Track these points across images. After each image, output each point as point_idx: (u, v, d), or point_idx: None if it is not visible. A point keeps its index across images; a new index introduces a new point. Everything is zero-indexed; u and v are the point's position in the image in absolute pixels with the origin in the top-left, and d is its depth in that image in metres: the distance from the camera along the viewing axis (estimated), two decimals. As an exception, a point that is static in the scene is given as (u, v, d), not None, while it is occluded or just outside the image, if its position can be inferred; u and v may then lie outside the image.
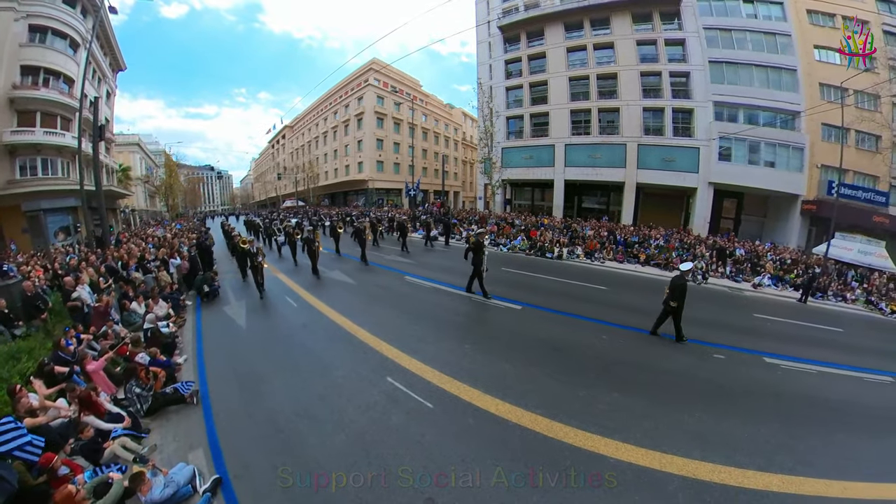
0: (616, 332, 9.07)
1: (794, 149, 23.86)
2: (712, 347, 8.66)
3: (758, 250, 20.32)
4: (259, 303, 10.69)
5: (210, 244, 15.57)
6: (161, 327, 7.95)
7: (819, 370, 8.30)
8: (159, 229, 27.39)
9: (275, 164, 70.83)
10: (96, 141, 14.74)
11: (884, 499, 4.61)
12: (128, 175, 39.93)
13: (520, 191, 33.66)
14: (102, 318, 7.87)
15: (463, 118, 58.74)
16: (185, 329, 8.91)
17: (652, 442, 5.04)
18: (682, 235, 22.01)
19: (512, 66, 31.60)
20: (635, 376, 6.92)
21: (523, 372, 6.70)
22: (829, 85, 23.05)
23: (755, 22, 24.55)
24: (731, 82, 24.62)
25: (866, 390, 7.79)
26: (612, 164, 26.99)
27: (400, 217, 24.55)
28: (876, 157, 23.62)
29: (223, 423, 5.19)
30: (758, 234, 25.88)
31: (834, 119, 21.47)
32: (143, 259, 12.02)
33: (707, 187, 24.94)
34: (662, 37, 25.91)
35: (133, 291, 9.33)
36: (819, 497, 4.49)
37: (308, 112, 59.20)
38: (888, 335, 12.60)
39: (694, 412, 5.89)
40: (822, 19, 24.16)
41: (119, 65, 32.80)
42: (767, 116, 24.25)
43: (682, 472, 4.59)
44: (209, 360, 7.18)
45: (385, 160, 46.34)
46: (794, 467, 4.89)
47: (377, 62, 45.65)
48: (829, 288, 16.56)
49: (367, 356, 7.10)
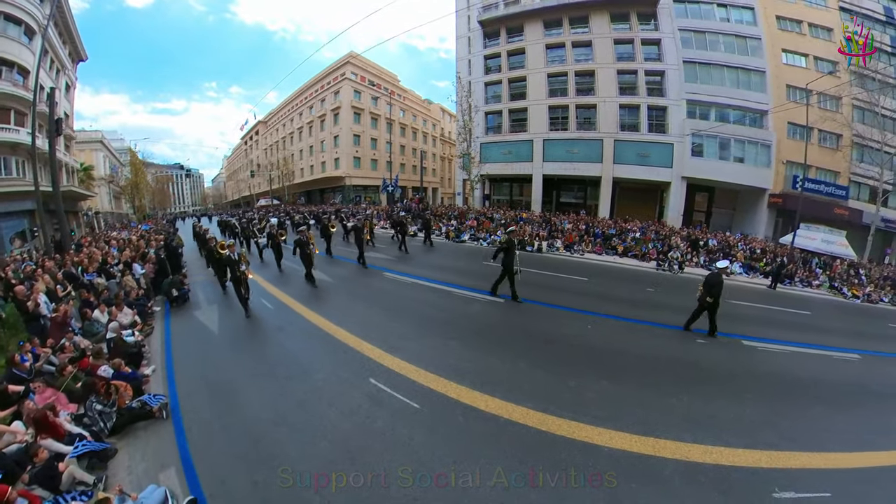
0: (600, 321, 9.14)
1: (761, 146, 25.08)
2: (693, 333, 8.83)
3: (729, 241, 21.08)
4: (232, 306, 10.02)
5: (178, 246, 14.73)
6: (125, 336, 7.34)
7: (791, 350, 8.67)
8: (124, 232, 25.28)
9: (248, 162, 68.42)
10: (52, 136, 13.41)
11: (863, 466, 4.84)
12: (90, 175, 37.37)
13: (498, 186, 33.80)
14: (61, 329, 7.21)
15: (441, 114, 58.38)
16: (152, 337, 8.29)
17: (643, 428, 5.06)
18: (657, 228, 22.51)
19: (491, 62, 31.62)
20: (622, 364, 6.95)
21: (510, 366, 6.59)
22: (794, 86, 24.36)
23: (728, 25, 25.61)
24: (703, 82, 25.54)
25: (835, 367, 8.19)
26: (590, 160, 27.44)
27: (397, 214, 23.03)
28: (837, 154, 25.20)
29: (196, 438, 4.81)
30: (728, 225, 26.99)
31: (799, 118, 22.86)
32: (104, 263, 11.15)
33: (680, 181, 25.78)
34: (639, 36, 26.55)
35: (95, 298, 8.64)
36: (805, 469, 4.65)
37: (282, 107, 57.53)
38: (851, 316, 13.29)
39: (682, 396, 5.99)
40: (790, 25, 25.50)
41: (80, 55, 30.75)
42: (737, 115, 25.32)
43: (676, 455, 4.64)
44: (179, 369, 6.69)
45: (362, 156, 45.57)
46: (779, 443, 5.06)
47: (354, 56, 44.77)
48: (796, 275, 17.30)
49: (348, 357, 6.80)
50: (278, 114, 58.79)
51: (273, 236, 14.06)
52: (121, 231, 27.16)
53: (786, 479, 4.44)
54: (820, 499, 4.20)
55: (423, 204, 32.91)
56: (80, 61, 31.33)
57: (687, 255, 18.37)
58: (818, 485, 4.40)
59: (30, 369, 5.85)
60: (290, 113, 54.72)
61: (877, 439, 5.47)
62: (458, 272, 13.35)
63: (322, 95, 46.82)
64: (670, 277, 15.87)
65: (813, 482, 4.44)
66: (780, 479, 4.44)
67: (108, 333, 7.34)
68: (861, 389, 7.18)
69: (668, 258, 17.28)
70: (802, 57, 25.31)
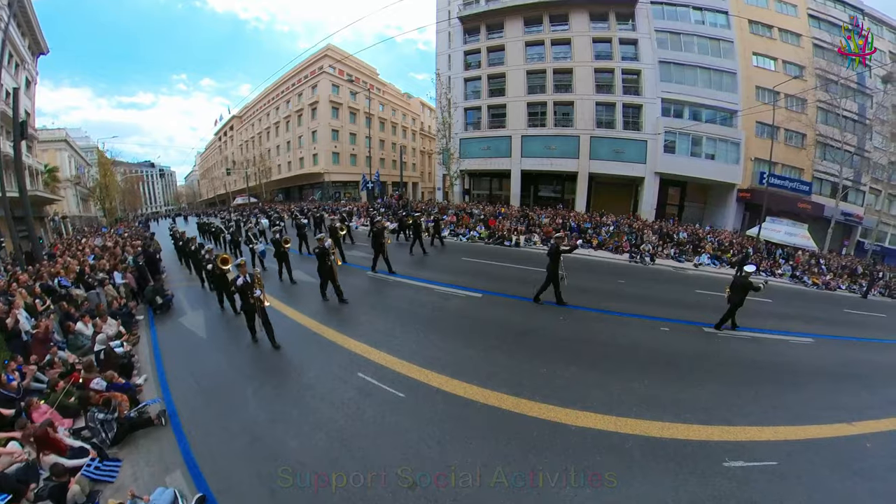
0: (572, 312, 9.42)
1: (731, 143, 26.15)
2: (659, 321, 9.24)
3: (698, 233, 21.89)
4: (218, 311, 9.90)
5: (156, 251, 14.23)
6: (114, 347, 7.22)
7: (752, 336, 9.17)
8: (97, 237, 23.10)
9: (223, 158, 66.19)
10: (18, 139, 12.54)
11: (808, 438, 5.24)
12: (55, 177, 34.62)
13: (478, 181, 33.99)
14: (44, 344, 6.95)
15: (421, 108, 57.94)
16: (140, 346, 8.17)
17: (608, 408, 5.43)
18: (630, 221, 23.09)
19: (471, 58, 31.67)
20: (591, 351, 7.31)
21: (487, 356, 6.92)
22: (763, 88, 25.65)
23: (702, 28, 26.49)
24: (677, 81, 26.34)
25: (791, 350, 8.72)
26: (567, 155, 27.91)
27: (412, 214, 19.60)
28: (801, 152, 26.69)
29: (197, 440, 4.92)
30: (699, 218, 28.00)
31: (767, 118, 24.02)
32: (82, 273, 10.64)
33: (654, 177, 26.56)
34: (617, 36, 27.12)
35: (76, 311, 8.33)
36: (754, 441, 5.04)
37: (258, 101, 55.91)
38: (810, 303, 14.01)
39: (644, 379, 6.36)
40: (761, 29, 26.62)
41: (40, 47, 29.02)
42: (709, 114, 26.22)
43: (636, 431, 5.00)
44: (172, 376, 6.71)
45: (341, 151, 45.01)
46: (732, 419, 5.45)
47: (332, 48, 44.04)
48: (761, 265, 18.04)
49: (336, 354, 6.98)
50: (254, 108, 57.14)
51: (279, 243, 11.96)
52: (94, 236, 24.81)
53: (736, 451, 4.79)
54: (767, 467, 4.53)
55: (403, 200, 32.82)
56: (41, 55, 29.63)
57: (658, 248, 18.92)
58: (766, 455, 4.76)
59: (18, 388, 5.64)
60: (266, 107, 53.37)
61: (822, 414, 5.88)
62: (436, 269, 13.45)
63: (299, 90, 45.95)
64: (642, 269, 16.35)
65: (761, 452, 4.79)
66: (731, 450, 4.79)
67: (96, 346, 7.19)
68: (812, 370, 7.68)
69: (640, 250, 17.77)
70: (772, 60, 26.53)
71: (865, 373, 8.08)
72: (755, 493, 4.06)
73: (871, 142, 26.67)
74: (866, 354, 9.50)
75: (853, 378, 7.63)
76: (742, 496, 4.00)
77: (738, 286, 8.92)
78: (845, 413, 6.02)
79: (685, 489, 4.06)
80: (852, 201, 27.31)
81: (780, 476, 4.38)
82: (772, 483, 4.26)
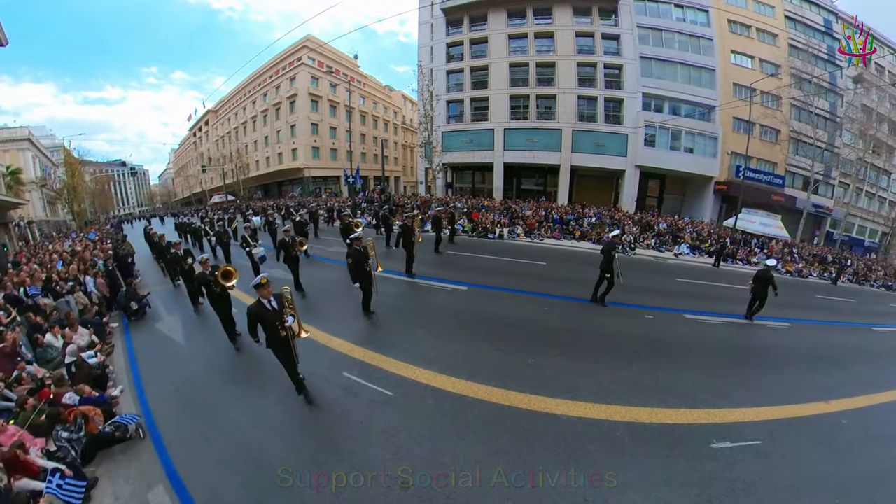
0: (557, 303, 9.48)
1: (709, 137, 26.74)
2: (642, 309, 9.36)
3: (678, 224, 22.37)
4: (196, 314, 9.30)
5: (128, 254, 13.42)
6: (86, 358, 6.72)
7: (730, 321, 9.36)
8: (67, 242, 21.19)
9: (198, 155, 63.66)
10: None
11: (789, 417, 5.40)
12: (18, 179, 32.16)
13: (461, 174, 33.84)
14: (11, 359, 6.41)
15: (403, 101, 57.03)
16: (114, 356, 7.67)
17: (596, 397, 5.43)
18: (612, 213, 23.42)
19: (454, 50, 31.35)
20: (577, 341, 7.32)
21: (474, 349, 6.80)
22: (740, 85, 26.18)
23: (683, 25, 26.92)
24: (658, 77, 26.73)
25: (767, 334, 8.98)
26: (549, 148, 28.05)
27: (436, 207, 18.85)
28: (775, 147, 27.67)
29: (179, 453, 4.64)
30: (678, 210, 28.59)
31: (743, 114, 24.70)
32: (49, 281, 9.88)
33: (634, 170, 26.95)
34: (600, 31, 27.28)
35: (44, 321, 7.74)
36: (738, 422, 5.13)
37: (234, 94, 54.09)
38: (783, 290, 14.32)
39: (630, 367, 6.43)
40: (740, 29, 27.28)
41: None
42: (688, 109, 26.77)
43: (626, 418, 5.03)
44: (150, 386, 6.33)
45: (321, 146, 44.03)
46: (716, 402, 5.53)
47: (311, 39, 42.86)
48: (737, 254, 18.57)
49: (320, 354, 6.70)
50: (229, 102, 55.21)
51: (289, 247, 9.73)
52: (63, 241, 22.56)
53: (722, 432, 4.85)
54: (752, 446, 4.61)
55: (386, 195, 32.43)
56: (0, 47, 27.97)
57: (639, 238, 19.22)
58: (750, 434, 4.85)
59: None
60: (242, 101, 51.65)
61: (800, 394, 6.05)
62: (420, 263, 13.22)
63: (277, 82, 44.69)
64: (624, 259, 16.53)
65: (746, 433, 4.88)
66: (718, 432, 4.85)
67: (66, 358, 6.69)
68: (789, 353, 7.93)
69: (622, 241, 17.99)
70: (749, 58, 27.27)
71: (837, 354, 8.42)
72: (742, 472, 4.13)
73: (840, 138, 28.06)
74: (838, 337, 9.90)
75: (827, 359, 7.92)
76: (730, 475, 4.05)
77: (763, 279, 9.22)
78: (821, 392, 6.23)
79: (676, 472, 4.09)
80: (823, 194, 28.57)
81: (765, 454, 4.47)
82: (757, 461, 4.34)
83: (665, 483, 3.92)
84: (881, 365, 8.24)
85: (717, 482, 3.93)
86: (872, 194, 30.56)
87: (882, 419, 5.88)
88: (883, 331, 11.51)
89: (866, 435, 5.30)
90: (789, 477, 4.20)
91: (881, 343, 10.33)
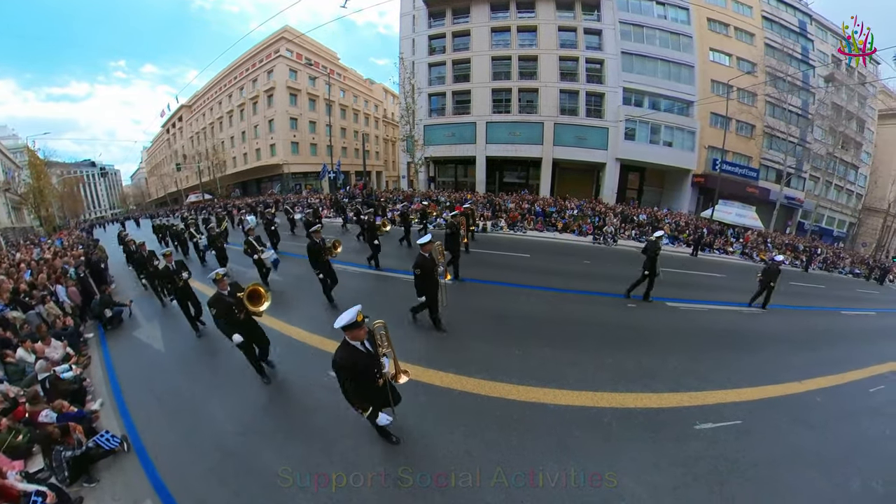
0: (540, 293, 9.52)
1: (687, 132, 27.40)
2: (625, 298, 9.40)
3: (657, 215, 22.89)
4: (175, 320, 8.71)
5: (100, 259, 12.43)
6: (61, 373, 6.31)
7: (709, 308, 9.66)
8: (35, 249, 19.46)
9: (172, 153, 60.70)
10: None
11: (767, 397, 5.60)
12: None
13: (443, 168, 33.73)
14: None
15: (384, 94, 56.15)
16: (91, 368, 7.24)
17: (583, 385, 5.48)
18: (593, 205, 23.76)
19: (436, 42, 31.07)
20: (563, 331, 7.36)
21: (460, 342, 6.74)
22: (718, 81, 26.98)
23: (664, 22, 27.40)
24: (639, 72, 27.18)
25: (744, 320, 9.30)
26: (531, 142, 28.19)
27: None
28: (750, 141, 28.68)
29: (165, 464, 4.45)
30: (657, 201, 29.29)
31: (720, 110, 25.82)
32: (16, 293, 9.10)
33: (615, 162, 27.41)
34: (582, 25, 27.51)
35: (13, 336, 7.22)
36: (720, 404, 5.26)
37: (208, 89, 52.21)
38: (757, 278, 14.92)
39: (615, 354, 6.50)
40: (718, 27, 27.99)
41: None
42: (667, 104, 27.33)
43: (612, 404, 5.10)
44: (131, 397, 6.03)
45: (300, 141, 43.04)
46: (699, 385, 5.66)
47: (290, 30, 41.71)
48: (714, 244, 19.12)
49: (305, 354, 6.55)
50: (204, 97, 53.26)
51: (321, 251, 8.05)
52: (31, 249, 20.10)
53: (704, 414, 4.98)
54: (733, 426, 4.75)
55: (368, 189, 32.10)
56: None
57: (620, 230, 19.55)
58: (731, 415, 4.99)
59: None
60: (217, 95, 49.82)
61: (776, 375, 6.29)
62: (404, 258, 13.12)
63: (254, 75, 43.41)
64: (605, 250, 16.82)
65: (727, 413, 5.03)
66: (700, 414, 4.97)
67: (39, 373, 6.27)
68: (764, 336, 8.21)
69: (603, 232, 18.27)
70: (727, 56, 28.04)
71: (810, 337, 8.80)
72: (725, 450, 4.25)
73: (812, 134, 29.28)
74: (810, 320, 10.32)
75: (799, 341, 8.26)
76: (714, 454, 4.17)
77: (772, 273, 10.01)
78: (795, 373, 6.48)
79: (664, 454, 4.16)
80: (795, 187, 29.77)
81: (746, 432, 4.61)
82: (738, 440, 4.46)
83: (654, 466, 4.00)
84: (850, 346, 8.66)
85: (702, 461, 4.02)
86: (840, 187, 32.02)
87: (852, 396, 6.17)
88: (851, 314, 12.10)
89: (838, 411, 5.53)
90: (768, 453, 4.34)
91: (849, 326, 10.85)
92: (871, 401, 6.16)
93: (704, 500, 3.78)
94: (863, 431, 5.16)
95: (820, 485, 4.06)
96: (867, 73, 30.94)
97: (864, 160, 32.64)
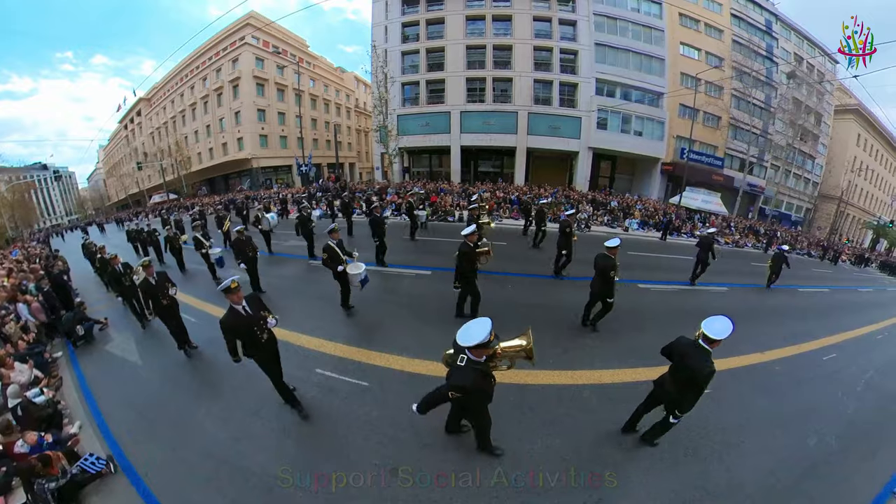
0: (519, 280, 9.66)
1: (657, 122, 28.16)
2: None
3: (628, 202, 23.52)
4: (149, 330, 8.30)
5: (61, 271, 11.08)
6: (32, 398, 5.84)
7: (678, 289, 10.06)
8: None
9: (132, 151, 56.66)
10: None
11: (733, 367, 6.02)
12: None
13: (418, 158, 33.45)
14: None
15: (356, 83, 54.63)
16: (65, 389, 6.72)
17: (562, 364, 5.76)
18: (567, 192, 24.22)
19: (409, 30, 30.51)
20: (541, 315, 7.61)
21: (443, 330, 6.61)
22: (687, 74, 27.76)
23: (637, 15, 27.89)
24: (611, 63, 27.63)
25: (711, 298, 9.88)
26: (505, 131, 28.34)
27: None
28: (716, 132, 29.86)
29: (157, 480, 4.26)
30: (628, 188, 30.14)
31: (688, 101, 26.76)
32: None
33: (587, 151, 27.93)
34: (557, 16, 27.61)
35: None
36: None
37: (168, 80, 48.76)
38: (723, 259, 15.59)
39: (592, 335, 6.79)
40: (689, 22, 28.77)
41: None
42: (638, 95, 27.98)
43: (590, 381, 5.39)
44: (112, 416, 5.68)
45: (269, 133, 41.34)
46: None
47: (255, 16, 39.89)
48: (682, 228, 19.89)
49: (290, 353, 6.29)
50: (163, 88, 49.77)
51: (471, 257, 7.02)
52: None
53: None
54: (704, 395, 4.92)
55: (341, 182, 31.50)
56: None
57: (592, 217, 20.03)
58: None
59: None
60: (178, 87, 46.68)
61: (741, 347, 6.68)
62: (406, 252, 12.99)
63: (217, 64, 41.31)
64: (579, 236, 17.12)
65: None
66: None
67: (8, 401, 5.78)
68: (728, 312, 8.22)
69: (577, 219, 18.64)
70: (696, 51, 28.91)
71: (769, 313, 9.39)
72: (696, 417, 4.43)
73: (773, 126, 30.80)
74: (769, 298, 10.96)
75: (761, 317, 8.83)
76: (686, 421, 4.34)
77: (779, 259, 11.48)
78: (758, 345, 6.94)
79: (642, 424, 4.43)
80: (757, 175, 31.29)
81: (716, 400, 4.88)
82: (709, 407, 4.72)
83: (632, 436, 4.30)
84: (806, 319, 9.32)
85: (676, 428, 4.21)
86: (799, 176, 33.95)
87: (807, 365, 6.65)
88: (806, 291, 12.94)
89: (794, 379, 5.95)
90: (735, 417, 4.67)
91: (805, 301, 11.63)
92: (825, 368, 6.65)
93: (679, 463, 3.99)
94: (816, 395, 5.56)
95: (781, 442, 4.36)
96: (826, 72, 32.94)
97: (820, 151, 34.63)
